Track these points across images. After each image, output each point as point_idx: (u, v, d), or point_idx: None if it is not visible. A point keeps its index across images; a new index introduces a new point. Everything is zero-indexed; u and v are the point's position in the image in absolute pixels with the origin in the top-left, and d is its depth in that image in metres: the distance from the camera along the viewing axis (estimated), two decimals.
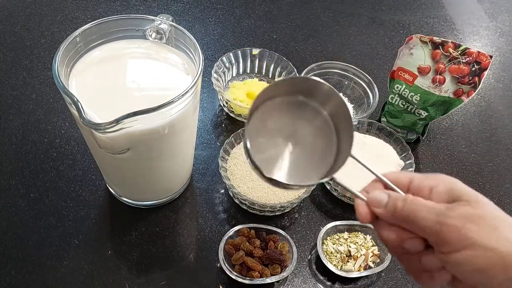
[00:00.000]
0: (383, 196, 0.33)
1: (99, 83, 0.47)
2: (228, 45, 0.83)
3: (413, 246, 0.32)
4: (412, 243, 0.32)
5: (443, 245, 0.29)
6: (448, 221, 0.29)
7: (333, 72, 0.76)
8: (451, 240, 0.29)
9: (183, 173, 0.59)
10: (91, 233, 0.56)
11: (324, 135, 0.41)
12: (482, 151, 0.73)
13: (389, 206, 0.32)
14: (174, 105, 0.42)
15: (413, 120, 0.67)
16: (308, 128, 0.42)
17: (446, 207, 0.30)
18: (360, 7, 0.96)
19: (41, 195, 0.58)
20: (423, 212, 0.30)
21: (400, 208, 0.32)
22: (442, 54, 0.63)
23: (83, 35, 0.47)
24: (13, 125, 0.65)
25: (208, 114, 0.72)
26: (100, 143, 0.42)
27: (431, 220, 0.30)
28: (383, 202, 0.33)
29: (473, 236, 0.28)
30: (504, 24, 0.98)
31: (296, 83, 0.41)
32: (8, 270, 0.52)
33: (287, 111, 0.42)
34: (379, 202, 0.33)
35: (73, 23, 0.82)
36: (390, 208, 0.32)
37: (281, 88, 0.40)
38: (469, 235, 0.29)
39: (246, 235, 0.55)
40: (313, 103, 0.42)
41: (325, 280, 0.55)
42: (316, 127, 0.42)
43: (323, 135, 0.41)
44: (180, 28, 0.49)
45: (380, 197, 0.33)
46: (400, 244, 0.32)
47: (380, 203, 0.33)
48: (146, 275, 0.53)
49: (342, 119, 0.40)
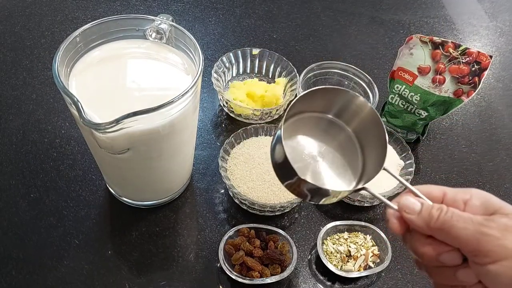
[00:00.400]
0: (416, 203, 0.33)
1: (99, 83, 0.47)
2: (228, 45, 0.83)
3: (451, 259, 0.31)
4: (450, 255, 0.31)
5: (481, 256, 0.29)
6: (488, 231, 0.29)
7: (333, 72, 0.76)
8: (490, 251, 0.29)
9: (183, 173, 0.59)
10: (91, 233, 0.56)
11: (349, 150, 0.43)
12: (482, 151, 0.73)
13: (424, 213, 0.32)
14: (174, 105, 0.42)
15: (413, 120, 0.67)
16: (334, 143, 0.43)
17: (485, 218, 0.30)
18: (361, 6, 0.96)
19: (42, 195, 0.59)
20: (460, 222, 0.30)
21: (435, 217, 0.31)
22: (442, 54, 0.63)
23: (83, 35, 0.47)
24: (13, 125, 0.66)
25: (208, 114, 0.72)
26: (100, 143, 0.42)
27: (470, 230, 0.29)
28: (417, 209, 0.33)
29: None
30: (504, 24, 0.98)
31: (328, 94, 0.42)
32: (8, 270, 0.52)
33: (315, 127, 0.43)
34: (412, 209, 0.33)
35: (73, 23, 0.82)
36: (424, 216, 0.32)
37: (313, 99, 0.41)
38: (508, 246, 0.28)
39: (246, 235, 0.55)
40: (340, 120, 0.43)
41: (325, 280, 0.55)
42: (340, 143, 0.43)
43: (348, 150, 0.43)
44: (180, 28, 0.49)
45: (413, 204, 0.33)
46: (436, 258, 0.31)
47: (413, 209, 0.33)
48: (146, 275, 0.53)
49: (373, 131, 0.41)
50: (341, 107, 0.43)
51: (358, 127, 0.43)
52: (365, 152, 0.43)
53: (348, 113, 0.43)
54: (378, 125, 0.40)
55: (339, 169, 0.42)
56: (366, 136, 0.42)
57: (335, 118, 0.44)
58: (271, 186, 0.58)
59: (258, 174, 0.59)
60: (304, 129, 0.43)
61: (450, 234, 0.30)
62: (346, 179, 0.42)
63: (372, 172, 0.39)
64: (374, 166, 0.40)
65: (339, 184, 0.42)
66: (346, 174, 0.42)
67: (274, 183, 0.58)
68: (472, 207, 0.32)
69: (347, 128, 0.43)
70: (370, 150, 0.42)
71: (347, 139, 0.43)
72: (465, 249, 0.30)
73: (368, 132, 0.42)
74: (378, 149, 0.40)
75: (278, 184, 0.58)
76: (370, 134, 0.41)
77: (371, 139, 0.42)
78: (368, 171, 0.41)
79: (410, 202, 0.33)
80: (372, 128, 0.41)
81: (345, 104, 0.42)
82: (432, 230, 0.31)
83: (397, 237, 0.59)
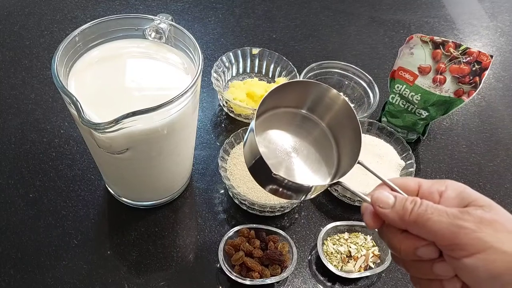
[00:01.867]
0: (390, 196, 0.32)
1: (98, 82, 0.46)
2: (227, 44, 0.83)
3: (428, 253, 0.30)
4: (426, 249, 0.30)
5: (456, 250, 0.28)
6: (463, 224, 0.28)
7: (333, 72, 0.76)
8: (466, 244, 0.28)
9: (183, 173, 0.58)
10: (90, 233, 0.56)
11: (323, 145, 0.42)
12: (482, 151, 0.72)
13: (397, 207, 0.31)
14: (174, 105, 0.42)
15: (413, 120, 0.67)
16: (308, 138, 0.43)
17: (459, 210, 0.29)
18: (360, 6, 0.96)
19: (40, 195, 0.58)
20: (435, 214, 0.29)
21: (409, 210, 0.30)
22: (442, 54, 0.63)
23: (82, 34, 0.46)
24: (12, 125, 0.65)
25: (207, 114, 0.72)
26: (99, 143, 0.42)
27: (445, 223, 0.29)
28: (390, 202, 0.32)
29: (489, 240, 0.28)
30: (504, 24, 0.98)
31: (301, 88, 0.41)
32: (7, 270, 0.52)
33: (289, 123, 0.43)
34: (385, 202, 0.32)
35: (72, 22, 0.82)
36: (398, 209, 0.31)
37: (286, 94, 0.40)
38: (484, 239, 0.28)
39: (246, 235, 0.55)
40: (313, 115, 0.43)
41: (325, 281, 0.55)
42: (315, 138, 0.43)
43: (323, 145, 0.42)
44: (179, 28, 0.48)
45: (387, 197, 0.32)
46: (413, 252, 0.31)
47: (386, 203, 0.32)
48: (145, 275, 0.53)
49: (347, 124, 0.40)
50: (314, 101, 0.42)
51: (332, 121, 0.42)
52: (340, 146, 0.42)
53: (321, 107, 0.42)
54: (351, 118, 0.39)
55: (314, 164, 0.42)
56: (340, 130, 0.42)
57: (309, 113, 0.43)
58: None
59: None
60: (277, 125, 0.42)
61: (425, 227, 0.30)
62: (321, 174, 0.41)
63: (347, 166, 0.39)
64: (349, 160, 0.39)
65: (314, 179, 0.41)
66: (321, 169, 0.42)
67: None
68: (447, 199, 0.31)
69: (321, 122, 0.43)
70: (345, 144, 0.41)
71: (322, 133, 0.43)
72: (440, 243, 0.29)
73: (342, 125, 0.41)
74: (352, 143, 0.39)
75: None
76: (344, 127, 0.41)
77: (345, 133, 0.41)
78: (343, 165, 0.41)
79: (383, 195, 0.32)
80: (346, 121, 0.40)
81: (318, 97, 0.41)
82: (406, 224, 0.31)
83: None
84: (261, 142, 0.39)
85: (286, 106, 0.43)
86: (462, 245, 0.28)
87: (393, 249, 0.32)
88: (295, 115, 0.43)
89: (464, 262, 0.28)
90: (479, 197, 0.31)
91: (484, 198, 0.31)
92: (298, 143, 0.42)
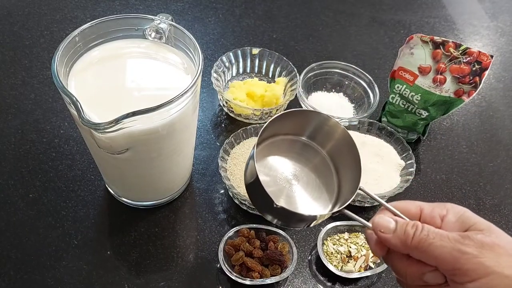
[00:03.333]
0: (390, 221, 0.32)
1: (98, 82, 0.46)
2: (228, 44, 0.83)
3: (434, 278, 0.31)
4: (433, 275, 0.31)
5: (459, 275, 0.29)
6: (465, 249, 0.29)
7: (333, 72, 0.76)
8: (468, 269, 0.28)
9: (183, 173, 0.58)
10: (90, 233, 0.56)
11: (323, 172, 0.43)
12: (482, 152, 0.72)
13: (399, 232, 0.31)
14: (174, 105, 0.42)
15: (413, 120, 0.67)
16: (308, 165, 0.43)
17: (460, 235, 0.30)
18: (361, 6, 0.96)
19: (40, 195, 0.58)
20: (437, 240, 0.30)
21: (411, 235, 0.31)
22: (442, 54, 0.63)
23: (82, 34, 0.46)
24: (12, 125, 0.65)
25: (207, 114, 0.72)
26: (99, 143, 0.42)
27: (447, 248, 0.29)
28: (391, 227, 0.32)
29: (491, 265, 0.28)
30: (505, 24, 0.98)
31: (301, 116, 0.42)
32: (7, 270, 0.52)
33: (289, 150, 0.43)
34: (386, 227, 0.32)
35: (72, 22, 0.82)
36: (399, 234, 0.31)
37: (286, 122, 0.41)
38: (486, 264, 0.28)
39: (246, 235, 0.55)
40: (313, 142, 0.44)
41: (325, 281, 0.55)
42: (315, 165, 0.43)
43: (323, 172, 0.43)
44: (179, 28, 0.48)
45: (387, 222, 0.32)
46: (420, 277, 0.31)
47: (387, 228, 0.32)
48: (145, 275, 0.53)
49: (347, 152, 0.41)
50: (314, 129, 0.43)
51: (332, 149, 0.43)
52: (340, 173, 0.43)
53: (321, 135, 0.43)
54: (351, 146, 0.40)
55: (314, 191, 0.42)
56: (340, 158, 0.42)
57: (309, 140, 0.44)
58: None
59: None
60: (278, 152, 0.43)
61: (427, 253, 0.30)
62: (322, 202, 0.42)
63: (348, 193, 0.39)
64: (350, 187, 0.40)
65: (315, 207, 0.41)
66: (322, 196, 0.42)
67: None
68: (448, 223, 0.32)
69: (321, 150, 0.44)
70: (345, 172, 0.42)
71: (322, 161, 0.44)
72: (443, 268, 0.30)
73: (342, 153, 0.42)
74: (353, 170, 0.40)
75: None
76: (344, 155, 0.41)
77: (345, 161, 0.41)
78: (344, 192, 0.41)
79: (384, 220, 0.33)
80: (346, 149, 0.41)
81: (317, 126, 0.42)
82: (409, 249, 0.31)
83: None
84: (261, 170, 0.39)
85: (285, 133, 0.43)
86: (465, 270, 0.28)
87: (399, 275, 0.33)
88: (295, 142, 0.44)
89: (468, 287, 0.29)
90: (479, 220, 0.31)
91: (484, 222, 0.31)
92: (299, 170, 0.43)
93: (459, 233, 0.30)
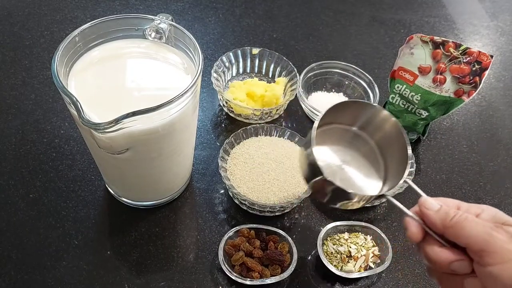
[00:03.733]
0: (436, 202, 0.36)
1: (98, 83, 0.46)
2: (228, 44, 0.83)
3: (461, 267, 0.33)
4: (461, 264, 0.33)
5: (485, 257, 0.31)
6: (496, 234, 0.31)
7: (333, 72, 0.76)
8: (495, 252, 0.31)
9: (183, 173, 0.58)
10: (90, 234, 0.56)
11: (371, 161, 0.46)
12: (483, 151, 0.72)
13: (441, 211, 0.35)
14: (174, 105, 0.42)
15: (413, 120, 0.67)
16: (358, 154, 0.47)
17: (494, 224, 0.33)
18: (361, 6, 0.96)
19: (41, 196, 0.58)
20: (473, 223, 0.33)
21: (451, 216, 0.34)
22: (442, 54, 0.63)
23: (82, 34, 0.46)
24: (12, 125, 0.65)
25: (207, 114, 0.72)
26: (99, 143, 0.42)
27: (480, 231, 0.32)
28: (435, 206, 0.36)
29: None
30: (505, 24, 0.98)
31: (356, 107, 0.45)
32: (7, 271, 0.52)
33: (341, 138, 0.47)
34: (431, 205, 0.36)
35: (72, 22, 0.82)
36: (441, 213, 0.35)
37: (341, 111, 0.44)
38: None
39: (246, 235, 0.55)
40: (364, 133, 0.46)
41: (325, 281, 0.55)
42: (364, 154, 0.46)
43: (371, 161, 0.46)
44: (179, 28, 0.48)
45: (433, 203, 0.36)
46: (448, 265, 0.34)
47: (433, 206, 0.36)
48: (146, 275, 0.53)
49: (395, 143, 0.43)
50: (366, 120, 0.45)
51: (381, 140, 0.46)
52: (387, 163, 0.46)
53: (372, 126, 0.45)
54: (400, 137, 0.42)
55: (362, 178, 0.45)
56: (388, 148, 0.45)
57: (360, 130, 0.46)
58: (271, 186, 0.58)
59: (258, 174, 0.59)
60: (330, 140, 0.46)
61: (461, 231, 0.33)
62: (369, 187, 0.45)
63: (393, 182, 0.42)
64: (395, 177, 0.42)
65: (363, 190, 0.44)
66: (369, 183, 0.45)
67: (274, 183, 0.58)
68: (482, 219, 0.34)
69: (371, 140, 0.46)
70: (392, 162, 0.45)
71: (370, 150, 0.46)
72: (472, 248, 0.32)
73: (391, 144, 0.44)
74: (399, 161, 0.42)
75: (278, 184, 0.58)
76: (393, 146, 0.44)
77: (393, 151, 0.44)
78: (390, 181, 0.44)
79: (430, 200, 0.36)
80: (395, 140, 0.43)
81: (370, 117, 0.45)
82: (446, 227, 0.34)
83: (401, 242, 0.59)
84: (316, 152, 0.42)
85: (339, 122, 0.46)
86: (492, 253, 0.31)
87: (430, 261, 0.35)
88: (347, 132, 0.47)
89: (489, 270, 0.31)
90: (511, 219, 0.34)
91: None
92: (349, 157, 0.46)
93: (493, 223, 0.33)
